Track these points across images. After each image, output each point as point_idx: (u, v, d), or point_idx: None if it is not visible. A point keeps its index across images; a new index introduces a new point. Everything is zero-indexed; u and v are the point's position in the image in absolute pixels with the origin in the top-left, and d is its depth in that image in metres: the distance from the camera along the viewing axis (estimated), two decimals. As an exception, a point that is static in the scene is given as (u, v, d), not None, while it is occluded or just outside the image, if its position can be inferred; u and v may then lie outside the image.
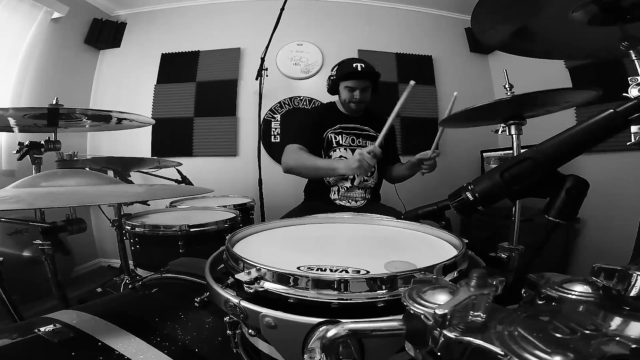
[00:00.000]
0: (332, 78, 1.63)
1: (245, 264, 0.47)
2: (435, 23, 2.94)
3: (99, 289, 1.92)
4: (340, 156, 1.60)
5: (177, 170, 1.97)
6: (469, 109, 1.08)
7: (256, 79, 2.29)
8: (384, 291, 0.41)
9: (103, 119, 1.29)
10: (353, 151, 1.61)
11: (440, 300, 0.28)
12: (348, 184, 1.61)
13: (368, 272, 0.47)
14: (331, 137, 1.61)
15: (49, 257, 0.90)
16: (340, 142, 1.61)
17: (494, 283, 0.27)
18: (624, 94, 0.85)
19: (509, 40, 1.03)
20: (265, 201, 2.29)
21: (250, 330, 0.45)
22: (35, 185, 0.68)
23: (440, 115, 2.75)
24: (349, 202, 1.61)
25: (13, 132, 1.29)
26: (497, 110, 1.17)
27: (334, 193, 1.62)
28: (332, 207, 1.59)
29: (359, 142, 1.63)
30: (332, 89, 1.65)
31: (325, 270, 0.49)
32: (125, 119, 1.27)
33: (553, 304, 0.31)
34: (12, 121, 1.14)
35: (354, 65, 1.56)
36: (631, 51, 0.88)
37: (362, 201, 1.62)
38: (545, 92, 0.99)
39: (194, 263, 0.88)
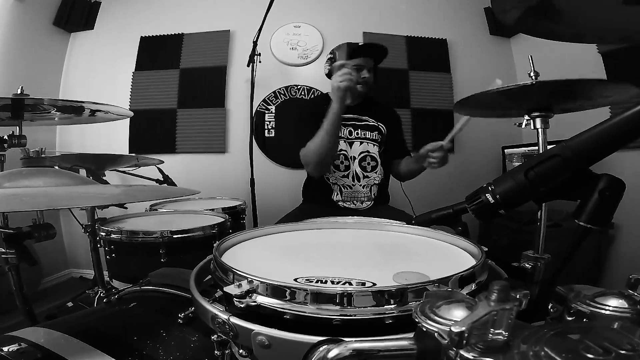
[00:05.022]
0: (332, 58, 1.64)
1: (235, 275, 0.47)
2: (451, 2, 2.94)
3: (70, 304, 1.92)
4: (340, 149, 1.61)
5: (159, 168, 1.98)
6: (489, 91, 1.08)
7: (248, 65, 2.29)
8: (393, 306, 0.41)
9: (74, 111, 1.29)
10: (351, 144, 1.63)
11: (456, 316, 0.28)
12: (350, 182, 1.62)
13: (374, 284, 0.47)
14: None
15: (13, 267, 0.90)
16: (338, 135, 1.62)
17: (518, 297, 0.27)
18: (664, 83, 0.86)
19: (534, 21, 1.02)
20: (258, 204, 2.29)
21: (241, 350, 0.45)
22: (-2, 185, 0.68)
23: (457, 107, 2.74)
24: (353, 203, 1.62)
25: None
26: (522, 100, 1.17)
27: (337, 194, 1.63)
28: (335, 209, 1.59)
29: (357, 133, 1.64)
30: (333, 72, 1.65)
31: (326, 282, 0.49)
32: (100, 110, 1.27)
33: (584, 320, 0.31)
34: None
35: (359, 43, 1.61)
36: (673, 34, 0.88)
37: (369, 202, 1.63)
38: (578, 81, 0.99)
39: (177, 274, 0.88)
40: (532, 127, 1.20)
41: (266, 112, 2.74)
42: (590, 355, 0.23)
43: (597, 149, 0.44)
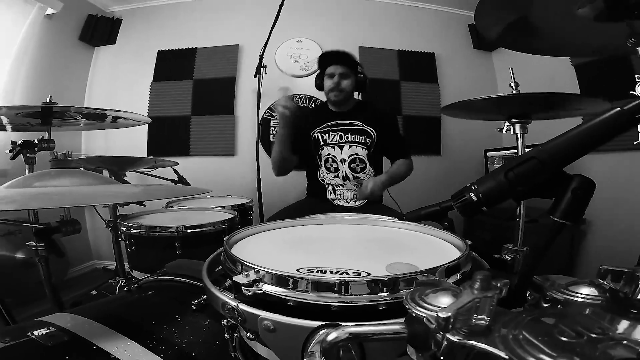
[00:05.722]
0: (317, 72, 1.69)
1: (243, 266, 0.47)
2: (438, 19, 2.94)
3: (94, 292, 1.92)
4: (328, 154, 1.61)
5: (174, 170, 1.97)
6: (474, 100, 1.08)
7: (255, 76, 2.29)
8: (386, 294, 0.41)
9: (98, 118, 1.29)
10: (342, 148, 1.61)
11: (443, 303, 0.28)
12: (341, 182, 1.61)
13: (369, 274, 0.47)
14: (318, 136, 1.62)
15: (42, 259, 0.90)
16: (327, 141, 1.61)
17: (498, 285, 0.27)
18: (631, 92, 0.86)
19: (513, 36, 1.02)
20: (264, 201, 2.29)
21: (248, 334, 0.45)
22: (29, 185, 0.68)
23: (444, 111, 2.75)
24: (347, 201, 1.61)
25: (6, 130, 1.29)
26: (503, 107, 1.17)
27: (330, 193, 1.63)
28: (331, 207, 1.59)
29: (347, 137, 1.61)
30: (319, 84, 1.69)
31: (325, 272, 0.49)
32: (121, 117, 1.27)
33: (559, 306, 0.31)
34: (4, 120, 1.14)
35: (328, 52, 1.64)
36: (638, 48, 0.88)
37: (362, 200, 1.62)
38: (554, 94, 0.99)
39: (190, 265, 0.87)
40: (512, 132, 1.20)
41: (271, 118, 2.74)
42: (564, 338, 0.23)
43: (570, 152, 0.44)
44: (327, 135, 1.62)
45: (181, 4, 2.88)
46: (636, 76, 0.87)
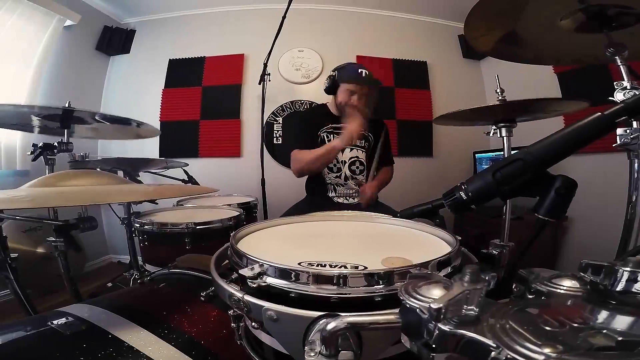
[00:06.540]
0: (333, 77, 1.59)
1: (248, 260, 0.47)
2: (430, 30, 2.94)
3: (110, 284, 1.92)
4: None
5: (184, 170, 1.98)
6: (462, 110, 1.08)
7: (259, 83, 2.29)
8: (381, 286, 0.41)
9: (119, 122, 1.28)
10: (343, 150, 1.60)
11: (435, 294, 0.28)
12: (342, 182, 1.62)
13: (366, 267, 0.47)
14: (324, 136, 1.62)
15: (61, 253, 0.90)
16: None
17: (486, 278, 0.27)
18: (609, 98, 0.86)
19: (499, 46, 1.03)
20: (267, 200, 2.29)
21: (253, 323, 0.45)
22: (49, 185, 0.68)
23: (436, 120, 2.75)
24: (346, 199, 1.61)
25: (33, 132, 1.28)
26: (489, 113, 1.17)
27: (331, 191, 1.63)
28: (331, 204, 1.60)
29: None
30: (331, 88, 1.61)
31: (325, 266, 0.49)
32: (140, 123, 1.27)
33: (542, 298, 0.31)
34: (35, 120, 1.13)
35: (360, 70, 1.56)
36: (616, 57, 0.88)
37: (364, 204, 1.62)
38: (537, 100, 0.99)
39: (199, 259, 0.88)
40: (499, 135, 1.20)
41: (275, 123, 2.74)
42: (547, 328, 0.23)
43: (554, 154, 0.44)
44: (331, 136, 1.62)
45: (191, 16, 2.87)
46: (614, 83, 0.87)
